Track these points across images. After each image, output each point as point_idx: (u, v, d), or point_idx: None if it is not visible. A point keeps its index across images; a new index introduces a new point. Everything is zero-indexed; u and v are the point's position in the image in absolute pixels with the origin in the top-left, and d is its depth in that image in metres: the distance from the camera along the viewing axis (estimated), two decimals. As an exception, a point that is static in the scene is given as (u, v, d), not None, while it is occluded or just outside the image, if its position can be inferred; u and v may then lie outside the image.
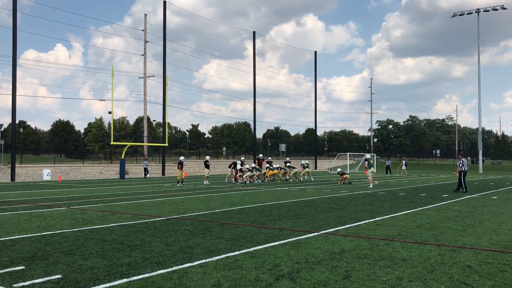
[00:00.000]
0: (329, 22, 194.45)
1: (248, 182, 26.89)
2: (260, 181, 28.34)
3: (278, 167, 30.98)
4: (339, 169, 27.71)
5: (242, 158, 32.53)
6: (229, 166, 29.99)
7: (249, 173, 27.26)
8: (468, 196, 17.22)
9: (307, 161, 31.67)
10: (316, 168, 61.72)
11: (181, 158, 27.54)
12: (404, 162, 45.09)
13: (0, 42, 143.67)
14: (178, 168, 26.09)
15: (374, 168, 24.65)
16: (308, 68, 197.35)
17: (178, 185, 25.29)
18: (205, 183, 26.47)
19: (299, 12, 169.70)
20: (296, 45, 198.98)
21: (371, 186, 22.68)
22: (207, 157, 29.58)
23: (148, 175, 38.29)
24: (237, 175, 27.73)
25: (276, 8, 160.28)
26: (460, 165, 19.69)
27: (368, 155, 25.96)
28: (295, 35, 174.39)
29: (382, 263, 6.28)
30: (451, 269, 5.97)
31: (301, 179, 30.41)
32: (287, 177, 30.99)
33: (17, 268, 5.99)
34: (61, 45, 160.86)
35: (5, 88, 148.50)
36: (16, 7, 32.66)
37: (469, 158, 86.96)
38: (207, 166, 27.68)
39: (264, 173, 29.42)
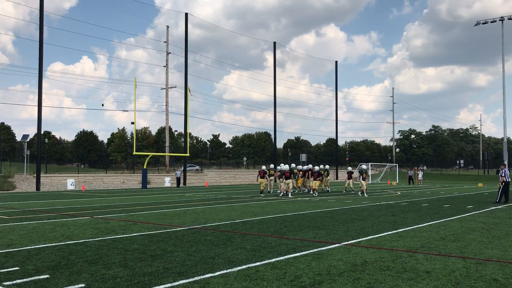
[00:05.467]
0: (351, 32, 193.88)
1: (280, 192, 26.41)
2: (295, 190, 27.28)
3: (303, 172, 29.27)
4: (364, 166, 26.65)
5: (293, 165, 28.59)
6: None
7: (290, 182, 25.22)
8: (494, 208, 16.85)
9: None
10: (337, 178, 61.30)
11: (263, 167, 27.85)
12: (420, 171, 46.16)
13: (29, 55, 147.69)
14: (265, 177, 26.25)
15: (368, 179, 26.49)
16: (329, 78, 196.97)
17: (262, 195, 25.06)
18: (289, 195, 24.42)
19: (320, 23, 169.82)
20: (317, 56, 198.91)
21: (365, 195, 24.25)
22: (293, 165, 27.63)
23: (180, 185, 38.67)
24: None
25: (297, 19, 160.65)
26: (503, 175, 19.24)
27: (364, 166, 26.68)
28: (316, 45, 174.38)
29: (405, 275, 6.18)
30: (477, 282, 5.84)
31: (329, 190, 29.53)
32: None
33: (41, 276, 6.09)
34: (86, 57, 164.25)
35: (31, 99, 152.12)
36: (42, 22, 33.52)
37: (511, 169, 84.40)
38: (288, 178, 25.43)
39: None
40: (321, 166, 30.28)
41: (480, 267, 6.71)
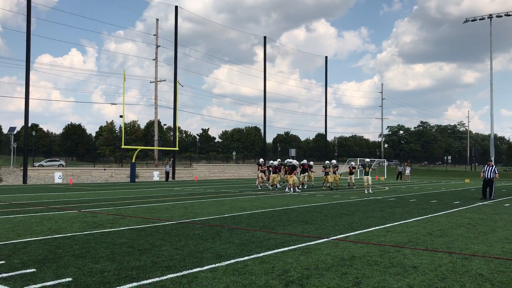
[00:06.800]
0: (341, 28, 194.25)
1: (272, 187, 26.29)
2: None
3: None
4: (367, 160, 26.76)
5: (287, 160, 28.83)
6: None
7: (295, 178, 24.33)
8: (480, 203, 17.05)
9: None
10: (326, 174, 61.43)
11: (275, 163, 27.01)
12: (408, 168, 46.10)
13: (16, 46, 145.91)
14: (277, 172, 25.80)
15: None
16: (319, 74, 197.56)
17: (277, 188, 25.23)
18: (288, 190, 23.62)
19: (310, 18, 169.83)
20: (307, 51, 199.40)
21: (370, 191, 23.36)
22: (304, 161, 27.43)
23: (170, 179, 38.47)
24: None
25: (287, 14, 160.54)
26: (497, 172, 19.41)
27: (367, 159, 26.55)
28: (307, 40, 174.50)
29: (392, 270, 6.23)
30: (463, 277, 5.91)
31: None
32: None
33: (28, 270, 6.03)
34: (75, 49, 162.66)
35: (19, 91, 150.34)
36: (30, 13, 33.08)
37: (498, 165, 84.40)
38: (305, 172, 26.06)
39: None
40: (333, 161, 28.86)
41: (466, 262, 6.79)
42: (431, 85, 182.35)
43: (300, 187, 25.64)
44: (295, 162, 26.04)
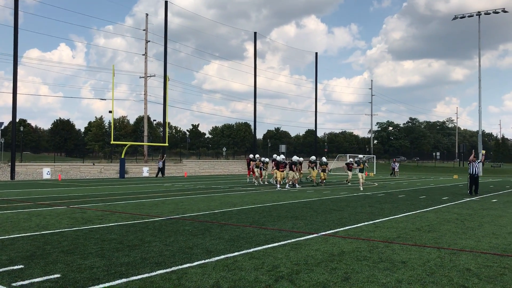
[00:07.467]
0: (331, 24, 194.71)
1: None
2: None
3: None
4: (360, 155, 26.35)
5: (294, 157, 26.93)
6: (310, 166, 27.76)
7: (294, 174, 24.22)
8: (468, 199, 17.21)
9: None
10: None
11: (278, 158, 24.74)
12: (396, 164, 45.63)
13: (3, 40, 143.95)
14: (294, 169, 23.99)
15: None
16: (309, 70, 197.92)
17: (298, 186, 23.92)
18: (297, 186, 23.99)
19: (301, 14, 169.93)
20: (297, 47, 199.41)
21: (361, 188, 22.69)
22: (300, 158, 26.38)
23: (160, 175, 38.24)
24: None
25: (277, 10, 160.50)
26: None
27: (360, 155, 26.46)
28: (297, 36, 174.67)
29: (381, 265, 6.27)
30: (451, 272, 5.97)
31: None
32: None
33: (16, 267, 5.98)
34: (64, 44, 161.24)
35: (6, 86, 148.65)
36: (17, 7, 32.67)
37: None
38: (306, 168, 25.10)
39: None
40: (312, 157, 28.95)
41: (454, 257, 6.86)
42: (420, 81, 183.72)
43: (290, 183, 25.62)
44: (294, 158, 25.77)
